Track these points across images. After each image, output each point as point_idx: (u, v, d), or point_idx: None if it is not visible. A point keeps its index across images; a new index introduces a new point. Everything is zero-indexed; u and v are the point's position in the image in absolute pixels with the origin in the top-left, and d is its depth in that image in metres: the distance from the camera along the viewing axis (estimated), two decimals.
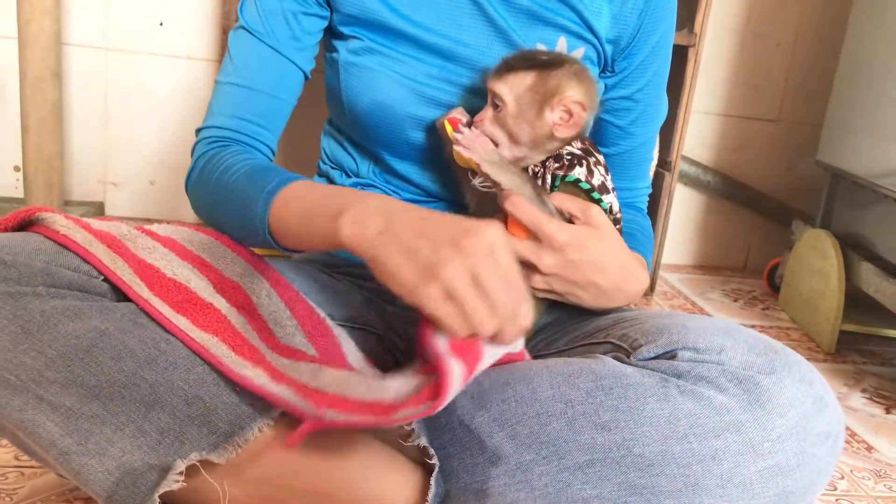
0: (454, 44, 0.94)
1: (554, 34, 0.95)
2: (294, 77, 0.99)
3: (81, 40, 1.93)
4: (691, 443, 0.70)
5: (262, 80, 0.97)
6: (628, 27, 0.98)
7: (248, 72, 0.97)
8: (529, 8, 0.94)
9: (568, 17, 0.95)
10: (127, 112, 2.00)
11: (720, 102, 2.22)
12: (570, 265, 0.82)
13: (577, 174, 0.86)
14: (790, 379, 0.72)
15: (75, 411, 0.66)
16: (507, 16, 0.94)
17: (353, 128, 1.01)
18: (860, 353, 1.76)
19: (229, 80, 0.97)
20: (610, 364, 0.77)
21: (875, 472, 1.24)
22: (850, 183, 1.82)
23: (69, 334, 0.67)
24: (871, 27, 1.77)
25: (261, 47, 0.96)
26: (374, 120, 0.96)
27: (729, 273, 2.29)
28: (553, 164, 0.88)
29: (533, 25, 0.95)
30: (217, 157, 0.93)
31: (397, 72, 0.94)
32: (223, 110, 0.97)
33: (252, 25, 0.96)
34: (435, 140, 0.97)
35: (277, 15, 0.96)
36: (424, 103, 0.95)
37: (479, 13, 0.94)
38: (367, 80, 0.95)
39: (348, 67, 0.96)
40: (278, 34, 0.96)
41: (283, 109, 0.99)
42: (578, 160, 0.87)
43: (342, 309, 0.99)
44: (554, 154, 0.88)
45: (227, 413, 0.72)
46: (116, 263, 0.73)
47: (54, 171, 1.76)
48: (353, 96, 0.96)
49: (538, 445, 0.73)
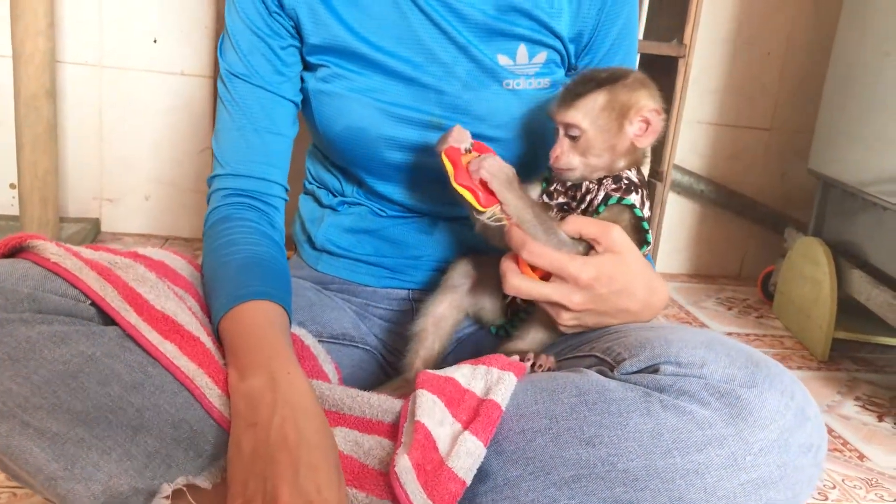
0: (419, 64, 0.95)
1: (514, 44, 0.96)
2: (287, 110, 1.00)
3: (76, 58, 1.95)
4: (675, 457, 0.71)
5: (259, 119, 0.98)
6: (589, 22, 0.98)
7: (243, 115, 0.98)
8: (485, 23, 0.95)
9: (526, 25, 0.96)
10: (122, 129, 2.01)
11: (713, 112, 2.23)
12: (600, 299, 0.83)
13: (633, 200, 0.86)
14: (771, 392, 0.72)
15: (61, 436, 0.66)
16: (467, 32, 0.95)
17: (332, 152, 1.02)
18: (853, 360, 1.77)
19: (228, 127, 0.98)
20: (593, 378, 0.77)
21: (867, 480, 1.24)
22: (841, 191, 1.83)
23: (55, 360, 0.67)
24: (859, 36, 1.78)
25: (250, 88, 0.98)
26: (350, 144, 0.97)
27: (723, 281, 2.29)
28: (610, 185, 0.86)
29: (492, 38, 0.96)
30: (227, 225, 0.93)
31: (367, 95, 0.95)
32: (230, 158, 0.98)
33: (236, 69, 0.98)
34: (413, 157, 0.97)
35: (256, 53, 0.97)
36: (397, 123, 0.95)
37: (439, 33, 0.95)
38: (338, 106, 0.96)
39: (318, 95, 0.97)
40: (262, 72, 0.97)
41: (285, 145, 1.00)
42: (636, 188, 0.87)
43: (332, 325, 0.99)
44: (613, 175, 0.87)
45: (214, 436, 0.72)
46: (105, 289, 0.74)
47: (49, 189, 1.77)
48: (327, 123, 0.97)
49: (524, 461, 0.74)
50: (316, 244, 1.06)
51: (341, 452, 0.74)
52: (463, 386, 0.79)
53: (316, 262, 1.06)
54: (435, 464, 0.72)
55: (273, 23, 0.97)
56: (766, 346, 1.80)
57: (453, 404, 0.78)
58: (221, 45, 1.00)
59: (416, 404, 0.76)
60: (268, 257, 0.90)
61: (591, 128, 0.85)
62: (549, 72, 0.99)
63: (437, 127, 0.96)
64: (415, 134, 0.96)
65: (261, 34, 0.97)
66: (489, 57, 0.95)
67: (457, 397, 0.78)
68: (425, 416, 0.75)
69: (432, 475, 0.71)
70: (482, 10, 0.94)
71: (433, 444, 0.73)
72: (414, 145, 0.97)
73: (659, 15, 2.00)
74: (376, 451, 0.75)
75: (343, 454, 0.74)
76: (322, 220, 1.06)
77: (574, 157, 0.86)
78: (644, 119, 0.86)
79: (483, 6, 0.95)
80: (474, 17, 0.95)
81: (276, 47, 0.97)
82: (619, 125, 0.85)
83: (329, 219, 1.05)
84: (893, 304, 1.56)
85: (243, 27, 0.97)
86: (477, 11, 0.94)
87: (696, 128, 2.23)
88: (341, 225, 1.04)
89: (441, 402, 0.77)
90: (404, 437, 0.74)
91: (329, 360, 0.96)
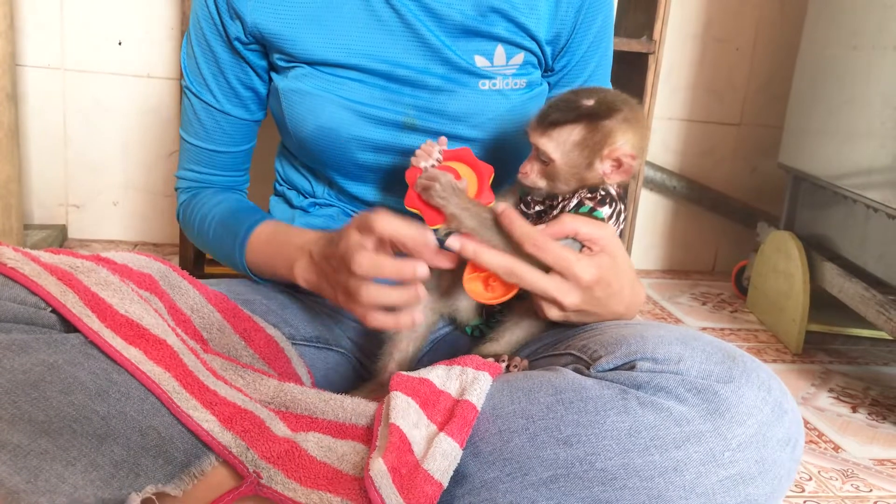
0: (392, 67, 0.94)
1: (491, 45, 0.95)
2: (249, 128, 1.05)
3: (37, 61, 1.91)
4: (653, 455, 0.70)
5: (219, 140, 1.04)
6: (566, 24, 0.98)
7: (205, 133, 1.03)
8: (463, 23, 0.94)
9: (504, 26, 0.95)
10: (87, 133, 1.97)
11: (683, 108, 2.24)
12: (595, 300, 0.82)
13: (604, 213, 0.83)
14: (748, 387, 0.72)
15: (23, 448, 0.64)
16: (442, 34, 0.94)
17: (302, 153, 1.01)
18: (827, 352, 1.78)
19: (190, 138, 1.05)
20: (570, 377, 0.76)
21: (842, 472, 1.25)
22: (811, 184, 1.84)
23: (15, 369, 0.65)
24: (826, 31, 1.79)
25: (211, 111, 1.02)
26: (321, 144, 0.96)
27: (697, 276, 2.30)
28: (586, 194, 0.84)
29: (469, 40, 0.95)
30: (193, 204, 1.05)
31: (339, 95, 0.93)
32: (191, 164, 1.06)
33: (197, 89, 1.01)
34: (385, 158, 0.96)
35: (219, 77, 1.00)
36: (369, 123, 0.94)
37: (413, 36, 0.94)
38: (310, 105, 0.94)
39: (289, 95, 0.95)
40: (223, 101, 1.01)
41: (245, 155, 1.08)
42: (611, 201, 0.85)
43: (305, 328, 0.98)
44: (590, 186, 0.85)
45: (184, 442, 0.70)
46: (66, 295, 0.72)
47: (12, 196, 1.73)
48: (298, 122, 0.96)
49: (501, 462, 0.73)
50: None
51: (314, 459, 0.72)
52: (438, 387, 0.78)
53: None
54: (410, 466, 0.71)
55: (234, 54, 0.98)
56: (741, 341, 1.81)
57: (428, 406, 0.76)
58: (184, 59, 1.02)
59: (390, 407, 0.75)
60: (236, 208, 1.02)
61: (560, 160, 0.83)
62: (525, 73, 0.98)
63: (410, 127, 0.94)
64: (388, 135, 0.95)
65: (222, 62, 0.98)
66: (464, 59, 0.94)
67: (432, 399, 0.77)
68: (400, 418, 0.73)
69: (408, 478, 0.70)
70: (461, 10, 0.93)
71: (408, 446, 0.72)
72: (387, 146, 0.95)
73: (628, 12, 2.00)
74: (350, 457, 0.73)
75: (316, 460, 0.73)
76: (293, 222, 1.04)
77: (541, 179, 0.85)
78: (616, 159, 0.83)
79: (462, 6, 0.93)
80: (452, 17, 0.93)
81: (238, 73, 0.99)
82: (589, 162, 0.83)
83: (300, 220, 1.03)
84: (865, 295, 1.57)
85: (203, 53, 0.99)
86: (455, 12, 0.93)
87: (667, 124, 2.24)
88: (312, 226, 1.03)
89: (415, 403, 0.76)
90: (379, 440, 0.73)
91: (302, 362, 0.94)
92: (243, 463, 0.71)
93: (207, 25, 0.97)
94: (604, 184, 0.85)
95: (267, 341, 0.91)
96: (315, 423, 0.77)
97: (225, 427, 0.72)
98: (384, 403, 0.77)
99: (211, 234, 1.01)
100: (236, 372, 0.81)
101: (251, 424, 0.73)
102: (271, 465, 0.71)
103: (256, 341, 0.90)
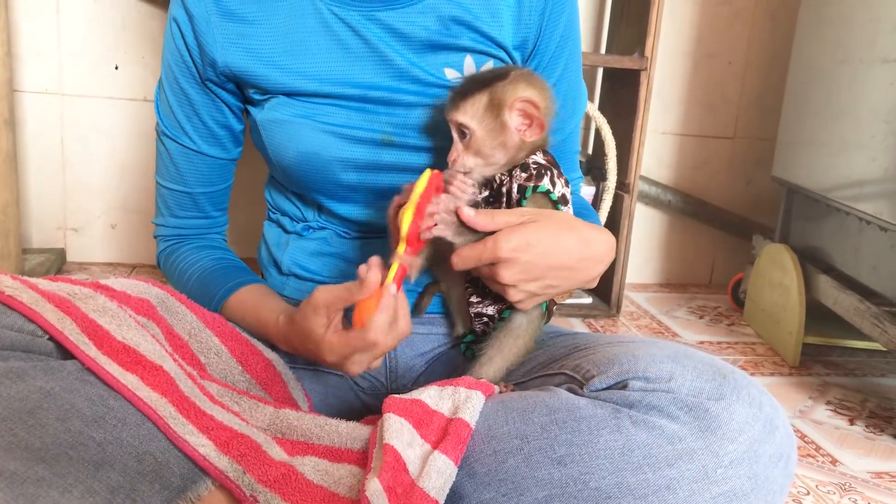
0: (365, 90, 0.95)
1: (459, 56, 0.96)
2: (225, 167, 1.07)
3: (35, 87, 1.92)
4: (646, 473, 0.71)
5: (195, 181, 1.05)
6: (532, 28, 0.99)
7: (180, 177, 1.04)
8: (429, 39, 0.95)
9: (469, 37, 0.96)
10: (85, 157, 1.98)
11: (677, 122, 2.26)
12: (529, 266, 0.82)
13: (546, 185, 0.86)
14: (739, 404, 0.73)
15: (20, 475, 0.64)
16: (409, 52, 0.95)
17: (288, 180, 1.02)
18: (824, 364, 1.78)
19: (165, 183, 1.06)
20: (563, 396, 0.77)
21: (840, 485, 1.25)
22: (804, 197, 1.85)
23: (12, 397, 0.65)
24: (815, 45, 1.81)
25: (188, 154, 1.03)
26: (304, 169, 0.97)
27: (694, 290, 2.31)
28: (521, 175, 0.87)
29: (436, 53, 0.96)
30: (173, 258, 1.06)
31: (316, 120, 0.95)
32: (167, 211, 1.08)
33: (173, 132, 1.02)
34: (368, 176, 0.97)
35: (194, 119, 1.01)
36: (348, 144, 0.95)
37: (380, 59, 0.95)
38: (289, 132, 0.95)
39: (268, 125, 0.97)
40: (199, 142, 1.02)
41: (221, 196, 1.09)
42: (545, 169, 0.88)
43: None
44: (520, 164, 0.88)
45: (180, 467, 0.71)
46: (64, 322, 0.72)
47: (10, 220, 1.74)
48: (279, 150, 0.97)
49: (497, 483, 0.73)
50: (283, 268, 1.05)
51: (311, 483, 0.73)
52: (431, 407, 0.79)
53: (282, 287, 1.05)
54: (406, 486, 0.71)
55: (208, 93, 0.99)
56: (739, 354, 1.81)
57: (422, 425, 0.77)
58: (157, 105, 1.04)
59: (384, 428, 0.75)
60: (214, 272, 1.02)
61: (478, 128, 0.86)
62: None
63: (388, 144, 0.95)
64: (367, 153, 0.96)
65: (196, 103, 1.00)
66: (433, 74, 0.95)
67: (425, 419, 0.78)
68: (394, 438, 0.74)
69: (404, 497, 0.70)
70: (424, 26, 0.95)
71: (403, 465, 0.72)
72: (368, 164, 0.96)
73: (620, 29, 2.02)
74: (347, 480, 0.74)
75: (313, 484, 0.73)
76: (287, 245, 1.05)
77: (469, 158, 0.88)
78: (521, 111, 0.87)
79: (425, 22, 0.95)
80: (417, 34, 0.95)
81: (212, 112, 1.01)
82: (501, 123, 0.86)
83: (294, 243, 1.04)
84: (860, 307, 1.58)
85: (177, 97, 1.00)
86: (419, 28, 0.94)
87: (661, 138, 2.25)
88: (307, 249, 1.04)
89: (409, 424, 0.76)
90: (374, 461, 0.74)
91: (299, 387, 0.95)
92: (240, 487, 0.72)
93: (179, 69, 0.98)
94: (529, 155, 0.88)
95: (265, 366, 0.92)
96: (311, 448, 0.78)
97: (221, 451, 0.72)
98: (378, 426, 0.77)
99: (190, 287, 1.02)
100: (232, 398, 0.82)
101: (248, 448, 0.74)
102: (268, 488, 0.72)
103: (254, 365, 0.91)
